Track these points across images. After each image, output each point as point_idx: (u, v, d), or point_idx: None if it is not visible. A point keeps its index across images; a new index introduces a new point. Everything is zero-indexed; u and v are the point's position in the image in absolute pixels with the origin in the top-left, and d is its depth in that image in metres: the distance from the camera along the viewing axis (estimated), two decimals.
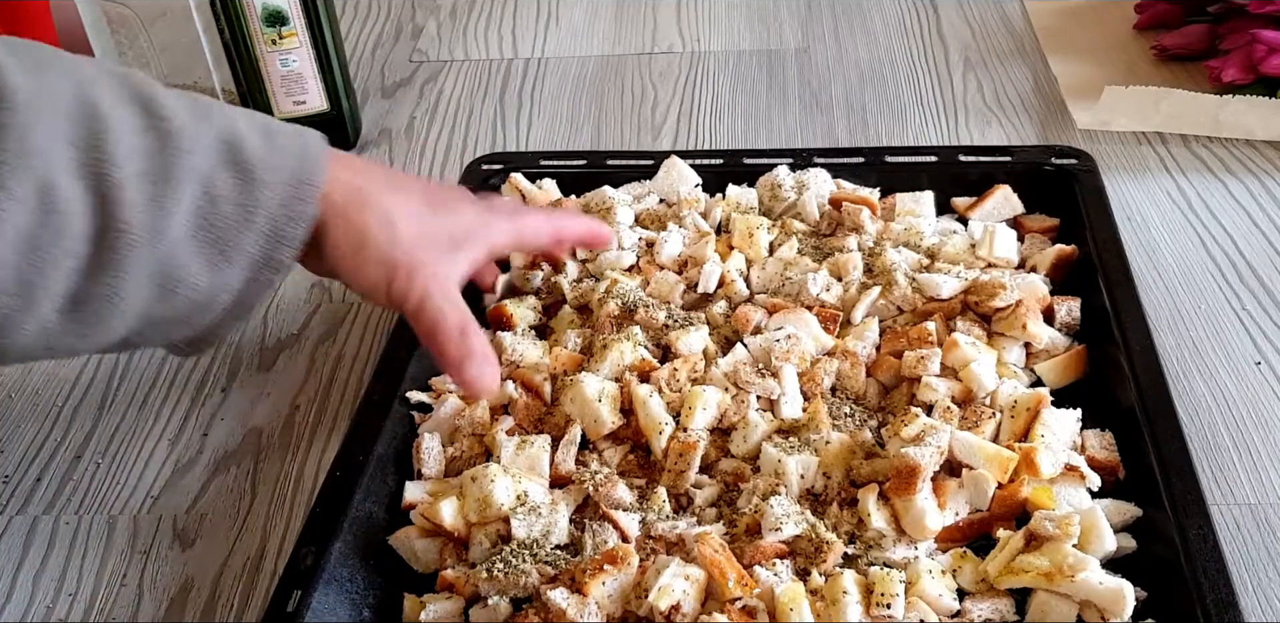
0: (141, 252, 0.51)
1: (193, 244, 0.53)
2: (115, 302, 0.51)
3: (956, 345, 0.66)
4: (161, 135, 0.52)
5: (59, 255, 0.49)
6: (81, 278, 0.50)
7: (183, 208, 0.52)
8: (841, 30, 1.15)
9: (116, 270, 0.50)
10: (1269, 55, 0.93)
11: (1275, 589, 0.59)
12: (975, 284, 0.70)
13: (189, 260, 0.53)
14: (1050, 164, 0.82)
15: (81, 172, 0.49)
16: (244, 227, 0.54)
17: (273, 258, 0.55)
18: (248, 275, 0.55)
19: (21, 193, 0.47)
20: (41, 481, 0.71)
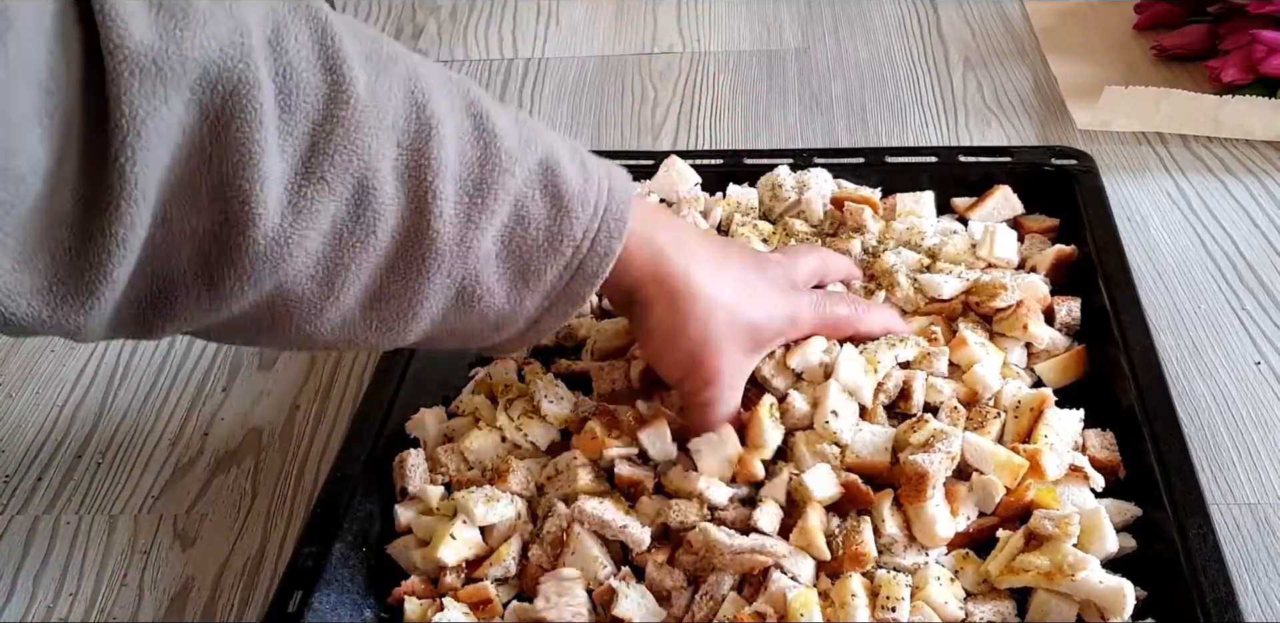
0: (446, 262, 0.51)
1: (496, 263, 0.53)
2: (414, 305, 0.52)
3: (965, 343, 0.66)
4: (487, 149, 0.52)
5: (367, 252, 0.49)
6: (385, 276, 0.50)
7: (494, 226, 0.52)
8: (841, 30, 1.15)
9: (419, 276, 0.51)
10: (1269, 55, 0.93)
11: (1275, 589, 0.59)
12: (976, 285, 0.70)
13: (490, 279, 0.53)
14: (1050, 164, 0.82)
15: (402, 173, 0.49)
16: (550, 254, 0.54)
17: (572, 290, 0.56)
18: (546, 303, 0.56)
19: (342, 189, 0.47)
20: (41, 481, 0.72)
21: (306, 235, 0.46)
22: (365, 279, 0.50)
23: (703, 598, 0.57)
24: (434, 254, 0.50)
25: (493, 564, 0.60)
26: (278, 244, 0.46)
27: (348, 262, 0.48)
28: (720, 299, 0.59)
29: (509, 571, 0.60)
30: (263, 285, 0.47)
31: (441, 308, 0.53)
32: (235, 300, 0.47)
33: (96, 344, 0.82)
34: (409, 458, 0.64)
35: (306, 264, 0.47)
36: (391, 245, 0.49)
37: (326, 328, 0.51)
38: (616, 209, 0.56)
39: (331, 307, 0.50)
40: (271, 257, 0.46)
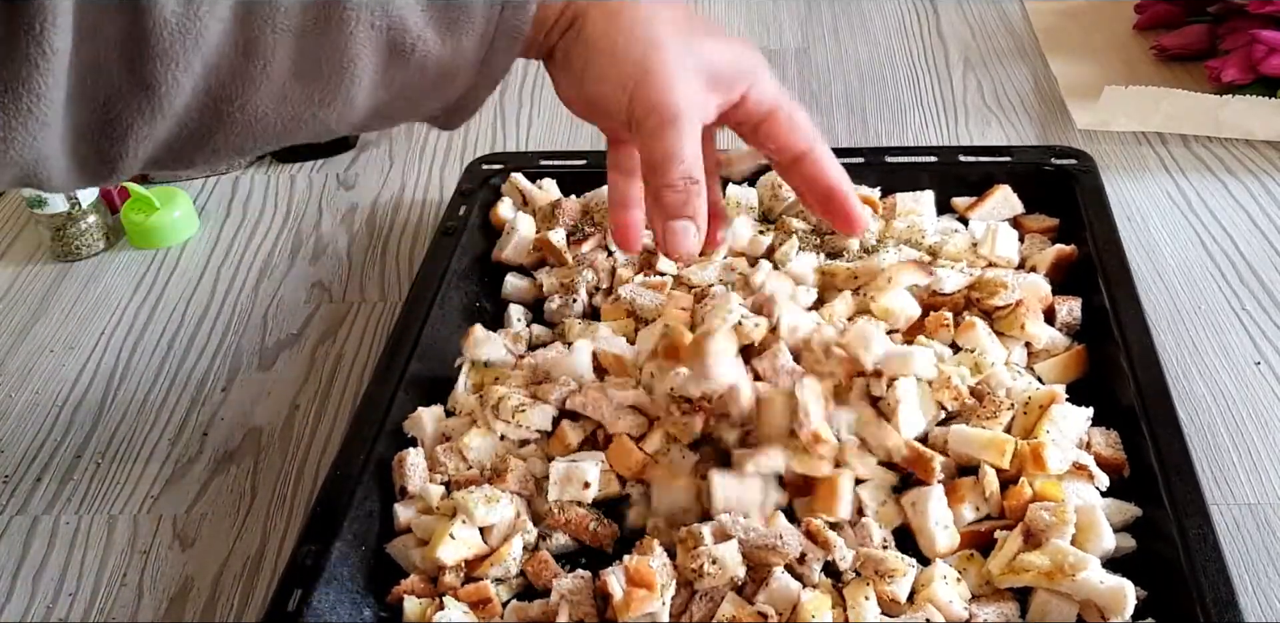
0: (365, 9, 0.49)
1: (419, 5, 0.50)
2: (346, 65, 0.50)
3: (973, 327, 0.67)
4: None
5: (280, 12, 0.47)
6: (309, 39, 0.49)
7: None
8: (841, 30, 1.15)
9: (340, 29, 0.49)
10: (1269, 55, 0.93)
11: (1275, 589, 0.59)
12: (979, 280, 0.70)
13: (417, 24, 0.50)
14: (1050, 164, 0.82)
15: None
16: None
17: (507, 20, 0.52)
18: (486, 41, 0.53)
19: None
20: (41, 481, 0.71)
21: (215, 4, 0.46)
22: (289, 42, 0.48)
23: (701, 599, 0.57)
24: (349, 2, 0.49)
25: (493, 564, 0.60)
26: (187, 18, 0.45)
27: (263, 24, 0.47)
28: (670, 22, 0.55)
29: (509, 571, 0.60)
30: (192, 67, 0.46)
31: (376, 65, 0.51)
32: (173, 95, 0.46)
33: (95, 344, 0.82)
34: (408, 457, 0.64)
35: (224, 33, 0.47)
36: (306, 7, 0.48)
37: (270, 106, 0.49)
38: None
39: (264, 77, 0.48)
40: (185, 32, 0.45)
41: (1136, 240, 0.83)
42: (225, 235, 0.93)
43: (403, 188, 0.97)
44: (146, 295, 0.86)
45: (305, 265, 0.89)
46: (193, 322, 0.84)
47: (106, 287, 0.88)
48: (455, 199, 0.84)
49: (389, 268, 0.88)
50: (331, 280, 0.87)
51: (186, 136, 0.49)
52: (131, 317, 0.84)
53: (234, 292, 0.86)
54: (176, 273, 0.89)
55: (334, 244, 0.91)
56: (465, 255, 0.79)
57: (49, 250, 0.91)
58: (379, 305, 0.84)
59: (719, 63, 0.55)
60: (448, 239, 0.79)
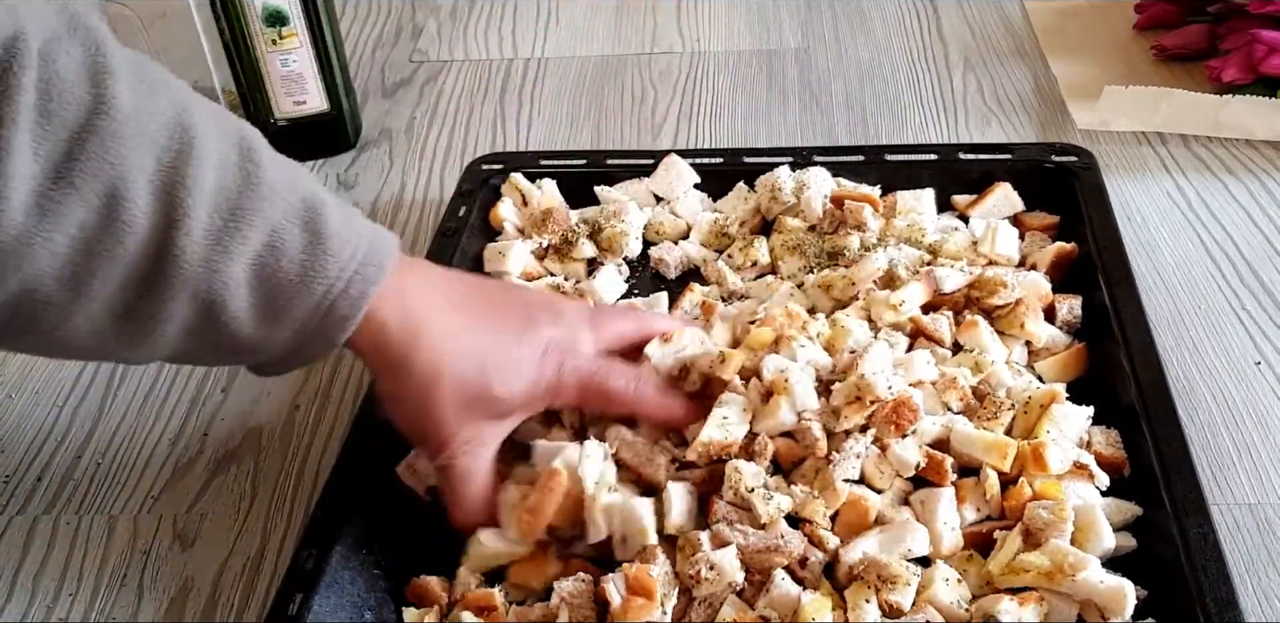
0: (190, 281, 0.50)
1: (246, 291, 0.52)
2: (160, 321, 0.51)
3: (975, 325, 0.67)
4: (247, 178, 0.52)
5: (113, 262, 0.49)
6: (132, 290, 0.50)
7: (245, 253, 0.52)
8: (841, 30, 1.15)
9: (163, 292, 0.50)
10: (1269, 55, 0.93)
11: (1275, 589, 0.59)
12: (979, 279, 0.70)
13: (238, 305, 0.52)
14: (1050, 161, 0.82)
15: (157, 189, 0.49)
16: (301, 290, 0.53)
17: (324, 332, 0.55)
18: (298, 340, 0.55)
19: (91, 196, 0.48)
20: (41, 481, 0.71)
21: (51, 237, 0.47)
22: (112, 289, 0.50)
23: (700, 605, 0.57)
24: (177, 271, 0.50)
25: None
26: (20, 242, 0.46)
27: (94, 268, 0.49)
28: (451, 362, 0.58)
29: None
30: (7, 283, 0.47)
31: (186, 327, 0.52)
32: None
33: None
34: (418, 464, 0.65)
35: (52, 266, 0.48)
36: (138, 258, 0.49)
37: (78, 336, 0.51)
38: (376, 256, 0.55)
39: (80, 314, 0.50)
40: (13, 253, 0.47)
41: (1136, 240, 0.83)
42: None
43: (403, 188, 0.97)
44: None
45: None
46: None
47: None
48: (455, 199, 0.84)
49: None
50: None
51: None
52: None
53: None
54: None
55: None
56: (465, 255, 0.79)
57: None
58: None
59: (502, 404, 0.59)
60: (448, 239, 0.79)
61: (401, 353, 0.57)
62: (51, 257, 0.48)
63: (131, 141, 0.49)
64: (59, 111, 0.47)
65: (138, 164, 0.49)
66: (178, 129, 0.50)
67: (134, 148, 0.49)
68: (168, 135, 0.50)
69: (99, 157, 0.48)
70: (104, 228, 0.48)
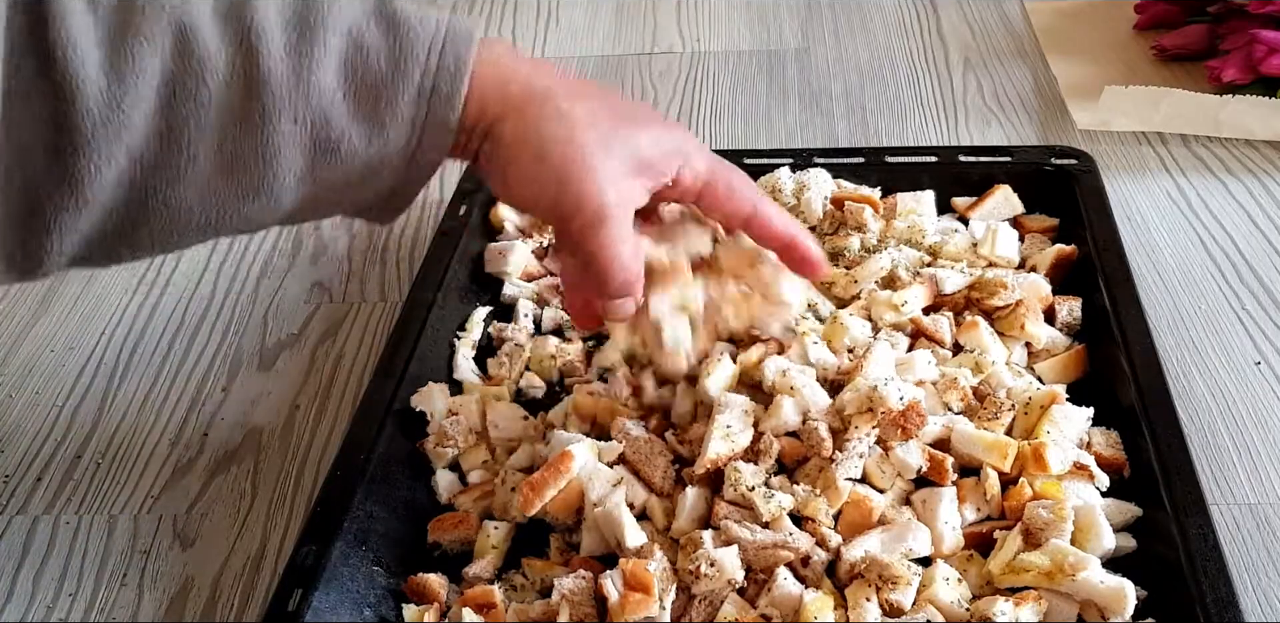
0: (287, 104, 0.48)
1: (343, 100, 0.50)
2: (272, 160, 0.49)
3: (975, 326, 0.67)
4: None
5: (203, 104, 0.47)
6: (231, 131, 0.48)
7: (330, 59, 0.49)
8: (841, 30, 1.15)
9: (264, 123, 0.48)
10: (1269, 55, 0.93)
11: (1275, 589, 0.59)
12: (979, 281, 0.70)
13: (342, 119, 0.50)
14: (1050, 164, 0.82)
15: (223, 15, 0.47)
16: (398, 80, 0.51)
17: (435, 116, 0.52)
18: (413, 137, 0.52)
19: (162, 39, 0.46)
20: (41, 481, 0.71)
21: (139, 95, 0.45)
22: (212, 135, 0.48)
23: (700, 602, 0.57)
24: (270, 96, 0.48)
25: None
26: (110, 109, 0.45)
27: (187, 115, 0.47)
28: (586, 116, 0.54)
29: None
30: (115, 158, 0.46)
31: (300, 159, 0.50)
32: (96, 186, 0.46)
33: (96, 344, 0.82)
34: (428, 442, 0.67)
35: (147, 125, 0.46)
36: (227, 93, 0.47)
37: (195, 199, 0.49)
38: (460, 27, 0.52)
39: (189, 170, 0.48)
40: (108, 123, 0.45)
41: (1136, 240, 0.83)
42: None
43: None
44: (146, 295, 0.86)
45: (305, 265, 0.89)
46: (193, 322, 0.84)
47: (106, 287, 0.88)
48: (455, 199, 0.84)
49: (389, 268, 0.88)
50: (331, 280, 0.87)
51: (111, 230, 0.49)
52: (131, 317, 0.84)
53: (234, 292, 0.86)
54: (176, 273, 0.89)
55: (334, 244, 0.91)
56: (465, 255, 0.79)
57: None
58: (379, 305, 0.84)
59: (643, 148, 0.56)
60: (448, 239, 0.79)
61: (524, 112, 0.53)
62: (144, 116, 0.46)
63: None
64: None
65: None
66: None
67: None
68: None
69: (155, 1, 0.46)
70: (183, 71, 0.46)
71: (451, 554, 0.63)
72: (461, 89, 0.52)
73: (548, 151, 0.53)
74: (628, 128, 0.55)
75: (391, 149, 0.52)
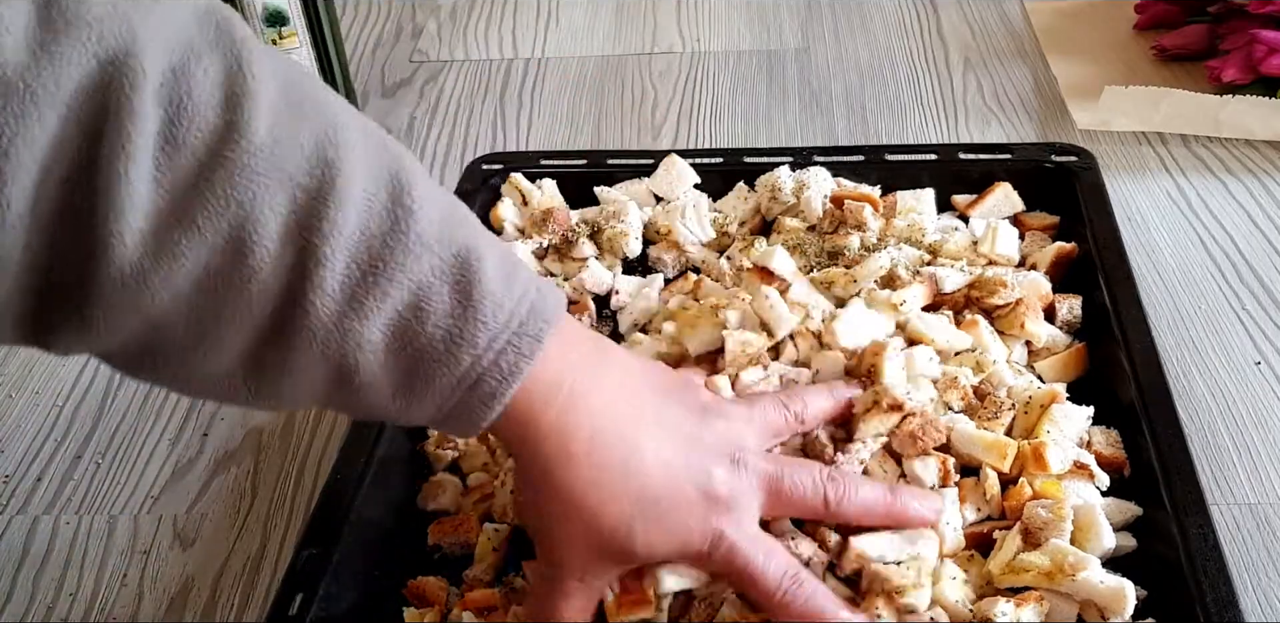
0: (318, 340, 0.45)
1: (382, 359, 0.46)
2: (289, 378, 0.46)
3: (976, 324, 0.67)
4: (395, 224, 0.45)
5: (240, 309, 0.44)
6: (260, 340, 0.45)
7: (384, 313, 0.45)
8: (841, 30, 1.15)
9: (291, 349, 0.45)
10: (1269, 55, 0.93)
11: (1275, 589, 0.59)
12: (979, 279, 0.70)
13: (372, 375, 0.47)
14: (1050, 161, 0.82)
15: (290, 231, 0.43)
16: (445, 360, 0.47)
17: (463, 410, 0.49)
18: (437, 416, 0.49)
19: (214, 237, 0.42)
20: (41, 481, 0.72)
21: (172, 278, 0.42)
22: (242, 338, 0.45)
23: (700, 604, 0.57)
24: (305, 327, 0.44)
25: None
26: (136, 281, 0.42)
27: (219, 313, 0.44)
28: (589, 507, 0.51)
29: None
30: (128, 321, 0.43)
31: (315, 387, 0.47)
32: (106, 332, 0.43)
33: None
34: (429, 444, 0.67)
35: (175, 307, 0.43)
36: (265, 308, 0.44)
37: (209, 381, 0.46)
38: (535, 326, 0.48)
39: (206, 359, 0.45)
40: (130, 292, 0.42)
41: (1136, 240, 0.83)
42: None
43: None
44: None
45: None
46: None
47: None
48: None
49: None
50: None
51: (119, 365, 0.47)
52: None
53: None
54: None
55: None
56: None
57: None
58: None
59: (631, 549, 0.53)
60: None
61: (545, 460, 0.51)
62: (173, 298, 0.43)
63: (265, 177, 0.42)
64: (188, 139, 0.41)
65: (270, 203, 0.43)
66: (320, 163, 0.44)
67: (267, 184, 0.42)
68: (307, 170, 0.43)
69: (225, 192, 0.42)
70: (229, 272, 0.43)
71: (452, 557, 0.63)
72: (504, 399, 0.48)
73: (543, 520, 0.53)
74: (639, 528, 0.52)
75: (414, 415, 0.49)
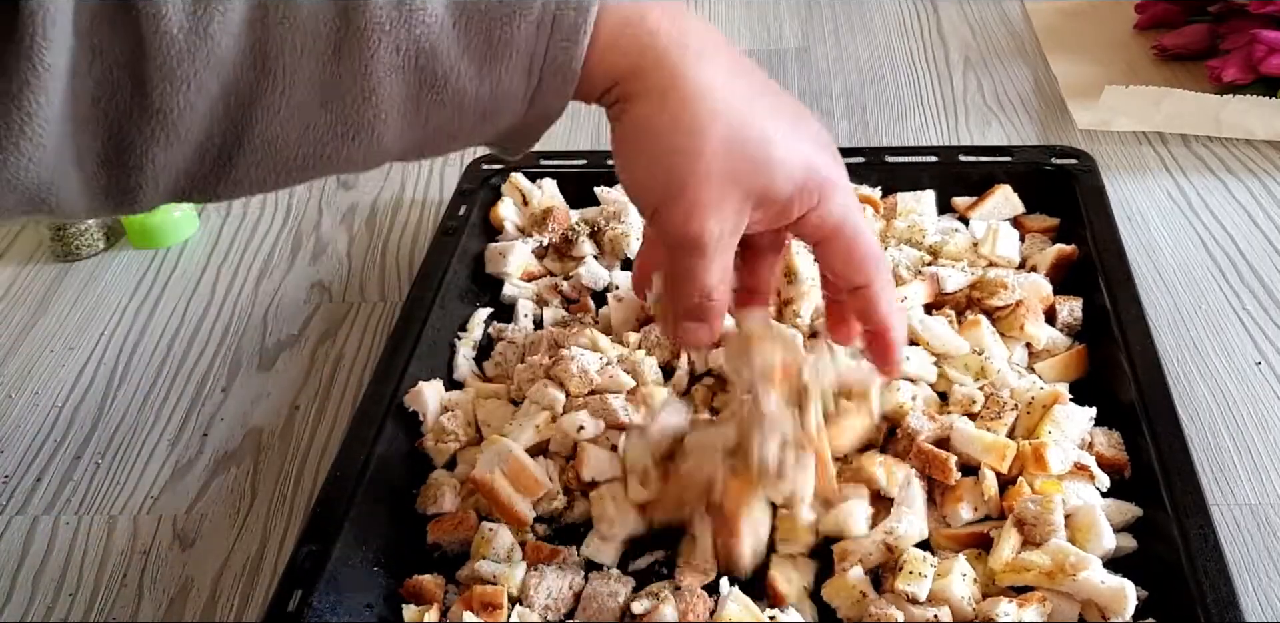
0: (387, 32, 0.43)
1: (455, 34, 0.44)
2: (371, 94, 0.44)
3: (977, 325, 0.67)
4: None
5: (297, 28, 0.42)
6: (329, 59, 0.43)
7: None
8: (841, 30, 1.15)
9: (362, 52, 0.43)
10: (1269, 55, 0.93)
11: (1275, 589, 0.59)
12: (979, 281, 0.70)
13: (450, 53, 0.44)
14: (1050, 164, 0.82)
15: None
16: (515, 11, 0.45)
17: (554, 55, 0.45)
18: (531, 79, 0.46)
19: None
20: (41, 481, 0.71)
21: (226, 19, 0.41)
22: (308, 63, 0.43)
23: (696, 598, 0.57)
24: (368, 22, 0.43)
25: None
26: (196, 35, 0.41)
27: (280, 41, 0.42)
28: (724, 109, 0.47)
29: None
30: (206, 88, 0.42)
31: (404, 94, 0.45)
32: (187, 119, 0.42)
33: (96, 344, 0.82)
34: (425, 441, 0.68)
35: (238, 53, 0.42)
36: (323, 15, 0.43)
37: (293, 135, 0.44)
38: None
39: (284, 102, 0.43)
40: (195, 50, 0.41)
41: (1136, 240, 0.83)
42: (225, 235, 0.93)
43: (403, 188, 0.97)
44: (146, 295, 0.86)
45: (305, 265, 0.89)
46: (193, 322, 0.84)
47: (106, 287, 0.88)
48: (455, 199, 0.84)
49: (389, 268, 0.88)
50: (331, 280, 0.87)
51: (208, 166, 0.45)
52: (131, 317, 0.84)
53: (234, 292, 0.86)
54: (176, 273, 0.89)
55: (334, 244, 0.91)
56: (465, 255, 0.79)
57: (49, 250, 0.91)
58: (379, 305, 0.84)
59: (776, 180, 0.49)
60: (448, 239, 0.79)
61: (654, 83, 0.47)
62: (233, 43, 0.42)
63: None
64: None
65: None
66: None
67: None
68: None
69: None
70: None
71: (452, 555, 0.63)
72: (588, 26, 0.45)
73: (665, 155, 0.48)
74: (766, 143, 0.48)
75: (506, 89, 0.46)
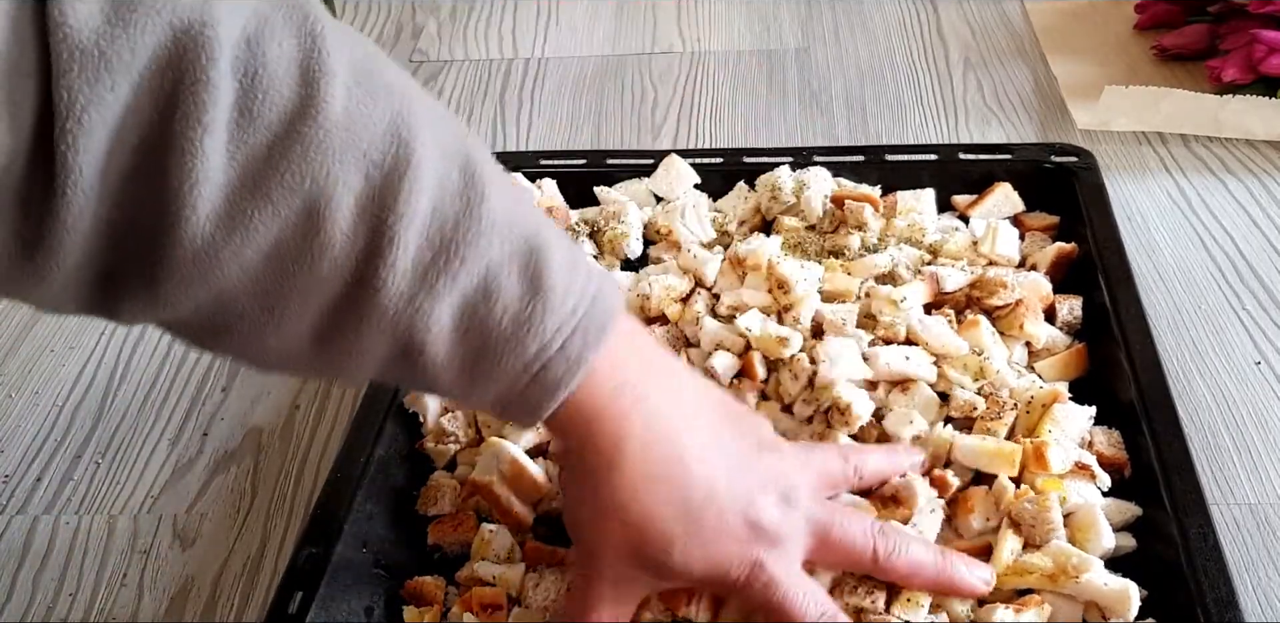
0: (390, 322, 0.45)
1: (449, 340, 0.46)
2: (357, 355, 0.46)
3: (977, 324, 0.67)
4: (467, 206, 0.45)
5: (309, 285, 0.44)
6: (328, 317, 0.45)
7: (454, 294, 0.45)
8: (841, 30, 1.15)
9: (360, 327, 0.45)
10: (1269, 55, 0.93)
11: (1275, 589, 0.59)
12: (979, 280, 0.70)
13: (439, 355, 0.46)
14: (1050, 162, 0.82)
15: (364, 209, 0.43)
16: (511, 346, 0.47)
17: (527, 398, 0.48)
18: (498, 404, 0.49)
19: (287, 212, 0.42)
20: (41, 481, 0.72)
21: (241, 252, 0.42)
22: (310, 313, 0.45)
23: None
24: (376, 305, 0.44)
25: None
26: (206, 254, 0.42)
27: (288, 289, 0.44)
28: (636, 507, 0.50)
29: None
30: (196, 293, 0.43)
31: (382, 364, 0.47)
32: (174, 303, 0.43)
33: (96, 344, 0.82)
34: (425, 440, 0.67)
35: (244, 281, 0.43)
36: (336, 285, 0.44)
37: (274, 354, 0.46)
38: (600, 317, 0.48)
39: (274, 333, 0.45)
40: (200, 264, 0.42)
41: (1136, 240, 0.83)
42: None
43: None
44: None
45: None
46: None
47: None
48: None
49: None
50: None
51: (190, 334, 0.47)
52: None
53: None
54: None
55: None
56: None
57: None
58: None
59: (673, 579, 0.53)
60: None
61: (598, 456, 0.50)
62: (242, 272, 0.43)
63: (340, 153, 0.42)
64: (263, 112, 0.41)
65: (344, 179, 0.42)
66: (394, 141, 0.43)
67: (342, 161, 0.42)
68: (382, 148, 0.43)
69: (300, 167, 0.42)
70: (300, 248, 0.43)
71: (452, 556, 0.63)
72: (568, 387, 0.48)
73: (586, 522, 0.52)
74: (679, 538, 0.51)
75: (475, 398, 0.49)
